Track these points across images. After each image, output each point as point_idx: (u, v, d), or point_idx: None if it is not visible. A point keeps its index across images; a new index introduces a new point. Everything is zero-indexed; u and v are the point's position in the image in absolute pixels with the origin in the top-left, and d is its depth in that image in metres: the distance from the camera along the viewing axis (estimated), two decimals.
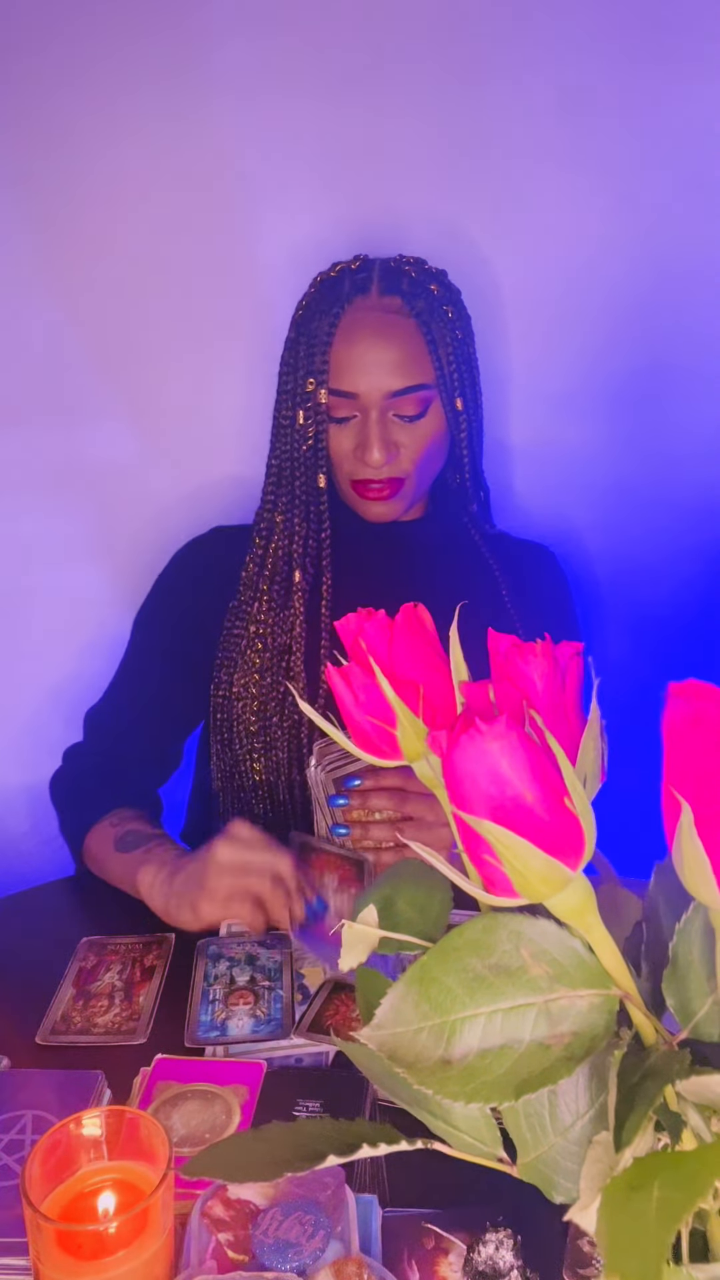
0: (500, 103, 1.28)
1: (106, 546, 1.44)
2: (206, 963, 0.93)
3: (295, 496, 1.13)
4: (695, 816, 0.35)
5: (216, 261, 1.33)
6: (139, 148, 1.29)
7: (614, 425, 1.42)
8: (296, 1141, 0.42)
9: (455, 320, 1.11)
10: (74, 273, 1.34)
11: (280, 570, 1.15)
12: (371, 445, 1.07)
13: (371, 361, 1.06)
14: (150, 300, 1.35)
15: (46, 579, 1.45)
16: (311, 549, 1.14)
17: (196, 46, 1.25)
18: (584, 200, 1.32)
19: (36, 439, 1.39)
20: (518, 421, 1.41)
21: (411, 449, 1.10)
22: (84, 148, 1.28)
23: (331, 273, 1.12)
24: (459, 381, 1.11)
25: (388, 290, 1.09)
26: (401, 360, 1.07)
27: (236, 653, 1.15)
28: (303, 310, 1.12)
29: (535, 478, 1.44)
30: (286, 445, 1.13)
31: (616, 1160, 0.37)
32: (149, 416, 1.40)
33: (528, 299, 1.35)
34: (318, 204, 1.31)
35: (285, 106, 1.27)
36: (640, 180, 1.31)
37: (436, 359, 1.08)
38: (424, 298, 1.09)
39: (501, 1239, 0.54)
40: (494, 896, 0.38)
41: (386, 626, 0.46)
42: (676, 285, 1.35)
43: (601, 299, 1.35)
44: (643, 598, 1.49)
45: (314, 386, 1.08)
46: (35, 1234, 0.57)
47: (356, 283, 1.09)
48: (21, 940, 1.01)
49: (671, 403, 1.41)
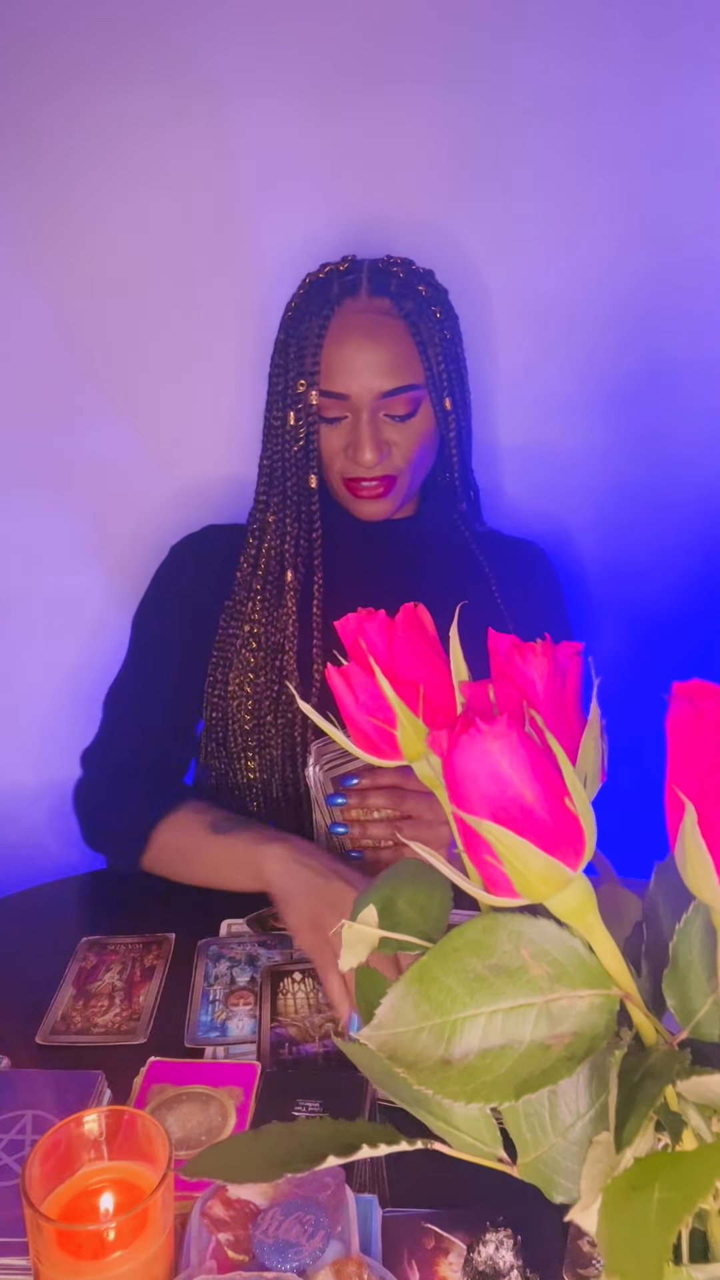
0: (495, 103, 1.28)
1: (104, 546, 1.44)
2: (207, 963, 0.93)
3: (287, 497, 1.14)
4: (699, 816, 0.35)
5: (213, 262, 1.33)
6: (134, 151, 1.29)
7: (604, 425, 1.43)
8: (296, 1142, 0.42)
9: (443, 320, 1.11)
10: (70, 274, 1.34)
11: (273, 570, 1.15)
12: (364, 446, 1.08)
13: (362, 363, 1.06)
14: (146, 301, 1.35)
15: (46, 579, 1.45)
16: (303, 549, 1.15)
17: (192, 49, 1.25)
18: (575, 201, 1.32)
19: (35, 439, 1.39)
20: (506, 421, 1.41)
21: (403, 448, 1.11)
22: (79, 150, 1.28)
23: (320, 274, 1.12)
24: (448, 381, 1.11)
25: (377, 291, 1.09)
26: (392, 361, 1.07)
27: (231, 652, 1.15)
28: (292, 312, 1.12)
29: (525, 477, 1.44)
30: (277, 446, 1.13)
31: (617, 1160, 0.37)
32: (145, 417, 1.40)
33: (518, 299, 1.36)
34: (313, 206, 1.31)
35: (280, 110, 1.28)
36: (633, 181, 1.32)
37: (426, 359, 1.09)
38: (412, 298, 1.09)
39: (501, 1239, 0.54)
40: (494, 896, 0.38)
41: (387, 626, 0.46)
42: (668, 285, 1.35)
43: (592, 299, 1.36)
44: (634, 594, 1.49)
45: (305, 388, 1.08)
46: (35, 1234, 0.57)
47: (345, 284, 1.09)
48: (21, 940, 1.01)
49: (664, 402, 1.41)
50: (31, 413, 1.38)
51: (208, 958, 0.94)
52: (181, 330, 1.36)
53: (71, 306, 1.34)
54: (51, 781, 1.46)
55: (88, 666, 1.34)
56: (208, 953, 0.95)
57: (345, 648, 0.47)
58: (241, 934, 0.98)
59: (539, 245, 1.34)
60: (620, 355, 1.39)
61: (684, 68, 1.27)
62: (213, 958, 0.94)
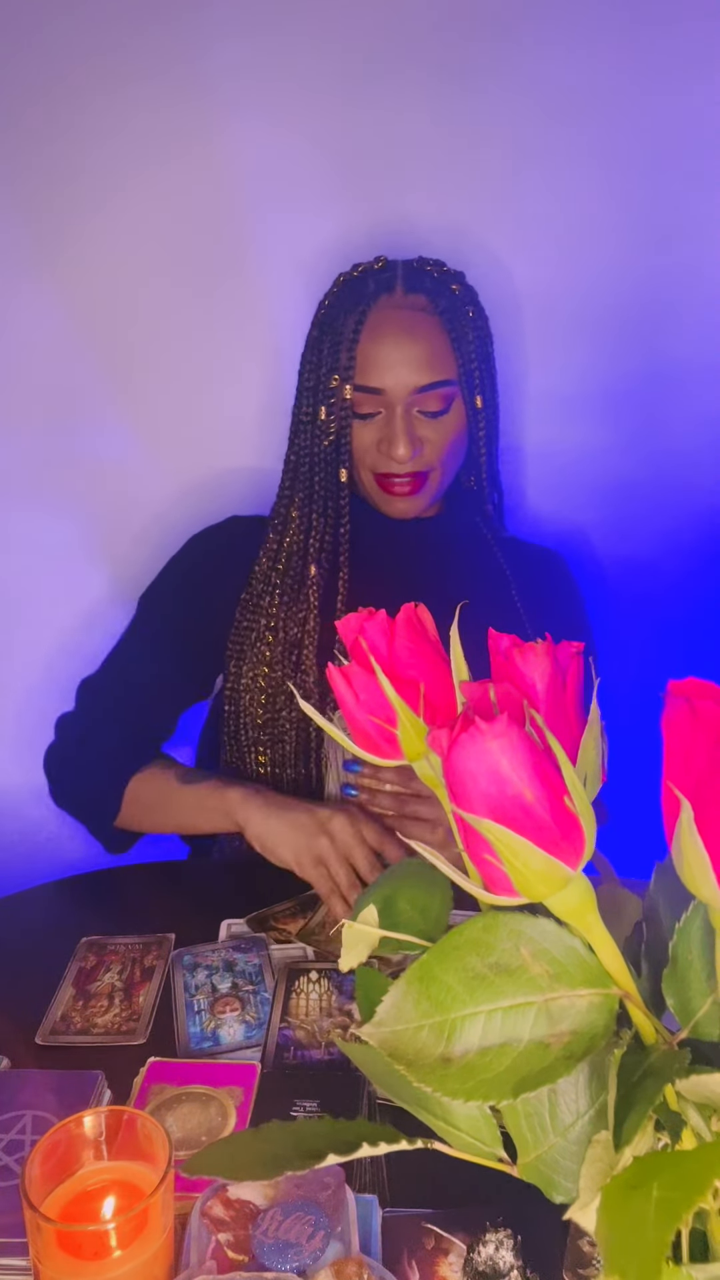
0: (499, 103, 1.28)
1: (108, 547, 1.44)
2: (184, 974, 0.93)
3: (314, 491, 1.14)
4: (695, 814, 0.35)
5: (219, 262, 1.33)
6: (140, 147, 1.29)
7: (626, 429, 1.42)
8: (296, 1141, 0.42)
9: (476, 320, 1.12)
10: (74, 272, 1.34)
11: (294, 564, 1.15)
12: (398, 440, 1.08)
13: (398, 358, 1.07)
14: (150, 299, 1.35)
15: (46, 579, 1.45)
16: (328, 544, 1.15)
17: (199, 45, 1.25)
18: (596, 202, 1.32)
19: (34, 439, 1.39)
20: (531, 426, 1.41)
21: (436, 444, 1.11)
22: (83, 146, 1.29)
23: (354, 273, 1.13)
24: (480, 379, 1.12)
25: (412, 289, 1.10)
26: (427, 356, 1.07)
27: (247, 645, 1.15)
28: (325, 309, 1.13)
29: (548, 481, 1.44)
30: (306, 441, 1.13)
31: (616, 1160, 0.37)
32: (149, 416, 1.41)
33: (538, 302, 1.36)
34: (320, 205, 1.31)
35: (289, 107, 1.28)
36: (654, 181, 1.31)
37: (460, 356, 1.10)
38: (446, 297, 1.10)
39: (501, 1239, 0.54)
40: (494, 895, 0.38)
41: (387, 625, 0.46)
42: (677, 285, 1.35)
43: (600, 299, 1.36)
44: (657, 600, 1.49)
45: (339, 383, 1.09)
46: (35, 1234, 0.57)
47: (381, 282, 1.10)
48: (21, 940, 1.01)
49: (686, 406, 1.41)
50: (36, 413, 1.38)
51: (183, 968, 0.93)
52: (187, 329, 1.37)
53: (76, 304, 1.34)
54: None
55: (88, 666, 1.34)
56: (182, 963, 0.94)
57: (346, 647, 0.47)
58: (242, 934, 0.98)
59: (547, 246, 1.34)
60: (625, 355, 1.39)
61: (693, 67, 1.27)
62: (188, 968, 0.93)
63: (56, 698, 1.47)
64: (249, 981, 0.91)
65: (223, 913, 1.01)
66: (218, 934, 0.99)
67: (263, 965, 0.93)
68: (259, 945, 0.96)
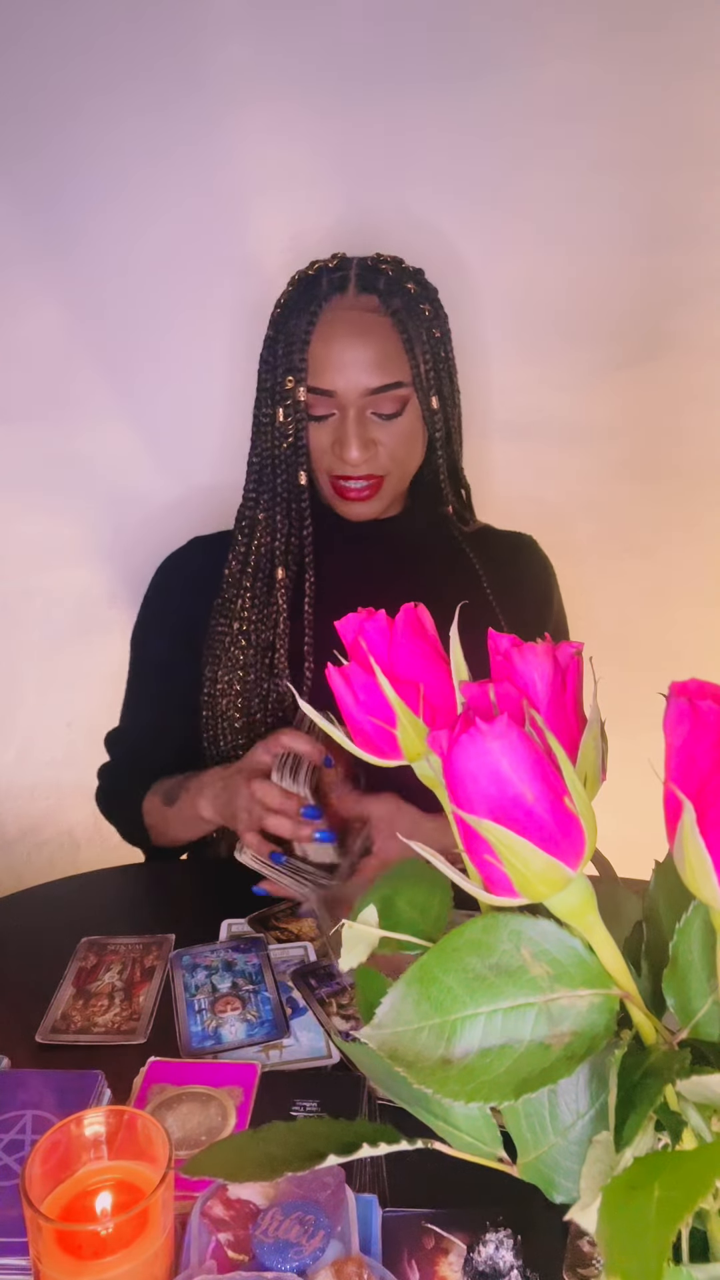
0: (498, 103, 1.28)
1: (107, 546, 1.44)
2: (183, 974, 0.93)
3: (277, 494, 1.14)
4: (697, 815, 0.35)
5: (211, 262, 1.34)
6: (132, 151, 1.29)
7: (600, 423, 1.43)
8: (296, 1141, 0.42)
9: (432, 318, 1.11)
10: (70, 275, 1.34)
11: (263, 567, 1.15)
12: (349, 443, 1.08)
13: (349, 360, 1.07)
14: (145, 299, 1.35)
15: (46, 579, 1.45)
16: (294, 546, 1.15)
17: (193, 45, 1.25)
18: (571, 200, 1.32)
19: (34, 438, 1.39)
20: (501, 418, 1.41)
21: (389, 447, 1.11)
22: (76, 149, 1.29)
23: (309, 271, 1.12)
24: (435, 380, 1.11)
25: (364, 288, 1.09)
26: (378, 358, 1.07)
27: (221, 650, 1.15)
28: (281, 309, 1.12)
29: (518, 469, 1.44)
30: (267, 443, 1.13)
31: (617, 1160, 0.37)
32: (145, 418, 1.41)
33: (539, 302, 1.36)
34: (312, 208, 1.31)
35: (280, 112, 1.28)
36: (654, 181, 1.32)
37: (412, 357, 1.09)
38: (400, 296, 1.09)
39: (501, 1239, 0.54)
40: (494, 896, 0.38)
41: (387, 626, 0.46)
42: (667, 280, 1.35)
43: (592, 297, 1.36)
44: (632, 575, 1.49)
45: (293, 384, 1.08)
46: (35, 1234, 0.57)
47: (334, 281, 1.09)
48: (21, 940, 1.01)
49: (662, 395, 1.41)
50: (34, 413, 1.38)
51: (183, 969, 0.93)
52: (180, 329, 1.37)
53: (73, 307, 1.34)
54: (51, 780, 1.46)
55: (88, 666, 1.34)
56: (181, 963, 0.94)
57: (345, 647, 0.47)
58: (213, 940, 0.98)
59: (548, 246, 1.34)
60: (617, 351, 1.39)
61: (688, 70, 1.27)
62: (188, 968, 0.93)
63: (55, 697, 1.47)
64: (249, 981, 0.91)
65: (223, 913, 1.01)
66: (218, 934, 0.99)
67: (262, 965, 0.93)
68: (259, 945, 0.96)
